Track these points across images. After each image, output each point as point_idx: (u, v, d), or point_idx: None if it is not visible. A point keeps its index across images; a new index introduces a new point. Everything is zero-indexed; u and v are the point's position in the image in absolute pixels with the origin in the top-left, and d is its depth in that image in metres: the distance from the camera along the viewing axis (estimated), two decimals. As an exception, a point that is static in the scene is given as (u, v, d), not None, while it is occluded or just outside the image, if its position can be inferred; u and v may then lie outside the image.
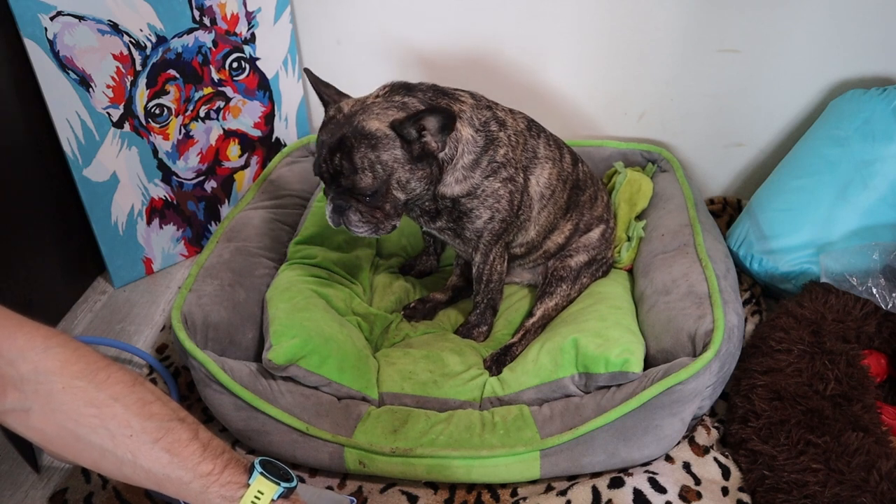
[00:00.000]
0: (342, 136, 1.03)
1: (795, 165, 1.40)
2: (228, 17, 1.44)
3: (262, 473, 0.75)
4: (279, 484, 0.75)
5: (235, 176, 1.59)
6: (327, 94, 1.12)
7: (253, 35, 1.48)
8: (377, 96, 1.09)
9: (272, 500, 0.74)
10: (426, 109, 1.03)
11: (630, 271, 1.39)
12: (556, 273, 1.30)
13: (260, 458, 0.77)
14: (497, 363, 1.20)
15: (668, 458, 1.08)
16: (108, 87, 1.34)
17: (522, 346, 1.23)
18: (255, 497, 0.73)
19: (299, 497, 0.79)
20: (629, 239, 1.39)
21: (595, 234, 1.33)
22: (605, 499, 1.01)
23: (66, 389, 0.71)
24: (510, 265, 1.30)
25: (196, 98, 1.46)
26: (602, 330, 1.13)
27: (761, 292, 1.40)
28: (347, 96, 1.12)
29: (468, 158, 1.12)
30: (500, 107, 1.20)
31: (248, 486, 0.74)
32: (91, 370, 0.72)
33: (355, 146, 1.03)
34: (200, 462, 0.73)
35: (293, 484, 0.77)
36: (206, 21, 1.41)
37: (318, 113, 1.67)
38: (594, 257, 1.32)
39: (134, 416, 0.72)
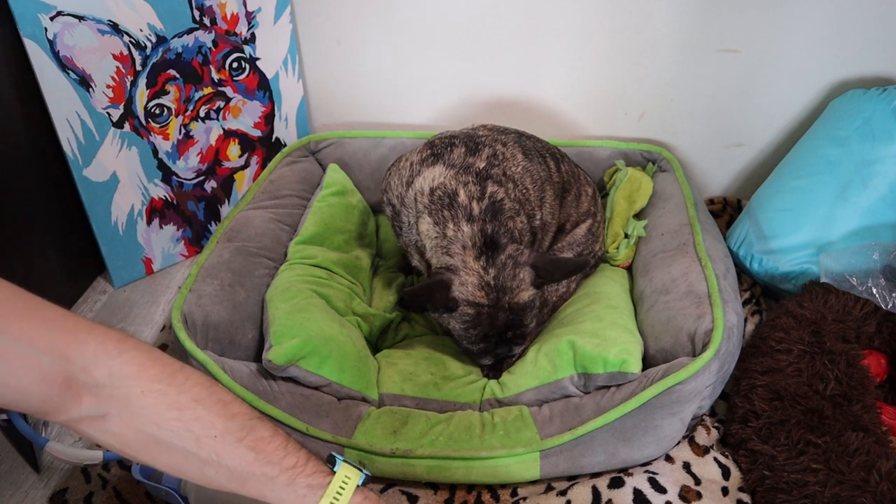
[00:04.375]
0: (505, 321, 1.10)
1: (795, 165, 1.40)
2: (228, 17, 1.44)
3: (344, 461, 0.78)
4: (362, 470, 0.78)
5: (235, 176, 1.59)
6: (438, 298, 1.09)
7: (253, 35, 1.48)
8: (486, 269, 1.08)
9: (357, 486, 0.76)
10: (551, 272, 1.11)
11: (628, 269, 1.39)
12: None
13: (331, 452, 0.81)
14: (494, 369, 1.20)
15: (668, 458, 1.08)
16: (108, 87, 1.34)
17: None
18: (343, 482, 0.76)
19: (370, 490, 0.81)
20: (627, 236, 1.39)
21: (581, 230, 1.34)
22: (605, 499, 1.01)
23: (145, 394, 0.70)
24: None
25: (196, 98, 1.46)
26: (599, 330, 1.13)
27: (761, 292, 1.40)
28: (435, 284, 1.09)
29: (528, 238, 1.18)
30: (499, 154, 1.19)
31: (334, 472, 0.77)
32: (168, 373, 0.72)
33: (522, 317, 1.11)
34: (285, 456, 0.75)
35: (369, 473, 0.80)
36: (206, 21, 1.42)
37: (318, 113, 1.67)
38: (580, 253, 1.33)
39: (217, 417, 0.72)
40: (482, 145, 1.18)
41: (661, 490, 1.02)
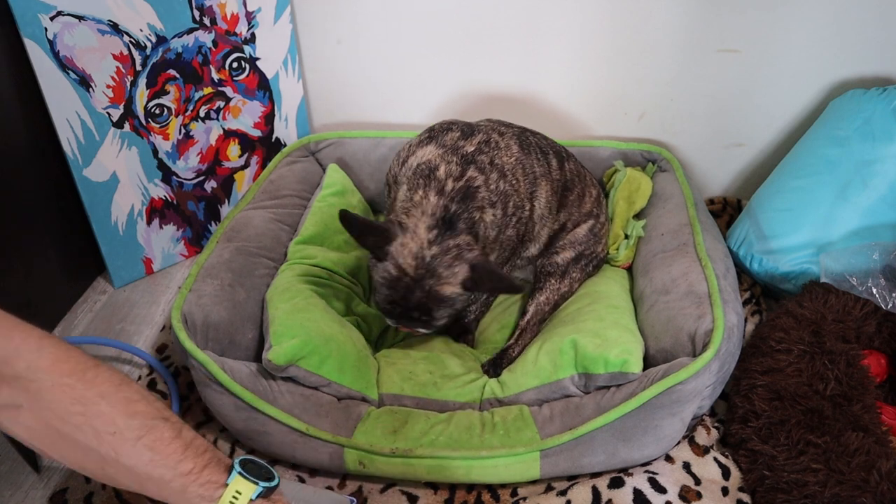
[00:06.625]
0: (418, 301, 1.08)
1: (795, 165, 1.40)
2: (228, 17, 1.44)
3: (240, 473, 0.74)
4: (257, 483, 0.74)
5: (235, 176, 1.59)
6: (373, 241, 1.10)
7: (253, 35, 1.48)
8: (431, 243, 1.07)
9: (251, 500, 0.73)
10: (485, 282, 1.08)
11: (628, 269, 1.39)
12: (543, 269, 1.31)
13: (241, 457, 0.77)
14: (494, 366, 1.20)
15: (668, 458, 1.08)
16: (108, 87, 1.34)
17: (519, 346, 1.23)
18: (234, 497, 0.73)
19: (282, 496, 0.79)
20: (627, 237, 1.39)
21: (582, 229, 1.34)
22: (605, 499, 1.02)
23: (54, 387, 0.71)
24: None
25: (196, 98, 1.46)
26: (600, 330, 1.13)
27: (761, 292, 1.40)
28: (379, 227, 1.09)
29: (494, 233, 1.16)
30: (492, 142, 1.19)
31: (227, 485, 0.74)
32: (80, 369, 0.73)
33: (434, 308, 1.09)
34: (181, 460, 0.73)
35: (274, 483, 0.77)
36: (206, 21, 1.41)
37: (318, 113, 1.67)
38: (581, 252, 1.32)
39: (119, 414, 0.72)
40: (477, 132, 1.20)
41: (661, 490, 1.02)
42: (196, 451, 0.74)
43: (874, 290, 1.19)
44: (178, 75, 1.42)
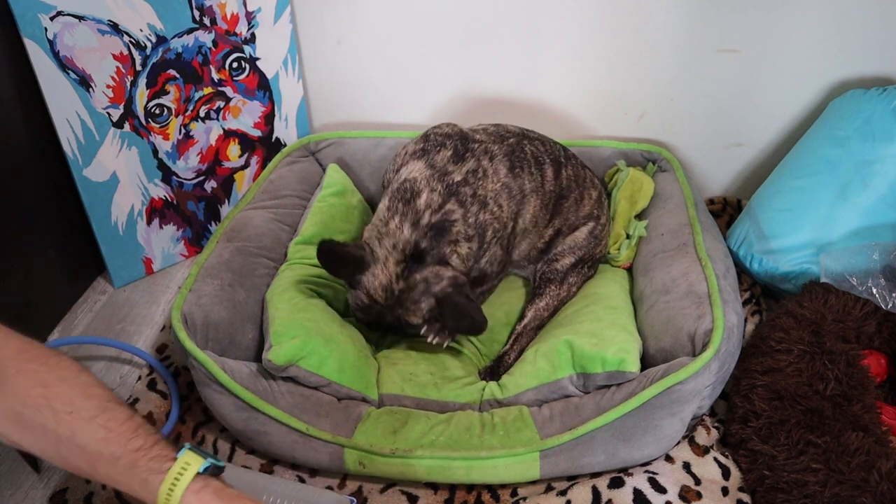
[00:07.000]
0: (391, 322, 1.17)
1: (795, 165, 1.40)
2: (228, 17, 1.44)
3: (190, 448, 0.77)
4: (206, 457, 0.77)
5: (235, 176, 1.59)
6: (345, 272, 1.16)
7: (253, 35, 1.48)
8: (398, 277, 1.12)
9: (198, 473, 0.75)
10: (449, 317, 1.12)
11: (628, 269, 1.39)
12: (543, 276, 1.31)
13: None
14: (492, 374, 1.20)
15: (668, 458, 1.08)
16: (108, 87, 1.34)
17: (515, 351, 1.23)
18: (182, 468, 0.75)
19: (229, 484, 0.80)
20: (628, 237, 1.39)
21: (582, 232, 1.33)
22: (605, 499, 1.02)
23: (19, 373, 0.76)
24: None
25: (196, 98, 1.46)
26: (598, 330, 1.13)
27: (761, 292, 1.40)
28: (353, 258, 1.14)
29: (471, 262, 1.18)
30: (480, 171, 1.19)
31: (176, 459, 0.76)
32: (44, 356, 0.78)
33: (407, 327, 1.17)
34: (132, 438, 0.76)
35: (221, 464, 0.79)
36: (206, 21, 1.41)
37: (318, 113, 1.67)
38: (581, 258, 1.33)
39: (77, 396, 0.76)
40: (469, 155, 1.20)
41: (661, 490, 1.02)
42: (147, 431, 0.77)
43: (874, 290, 1.19)
44: (178, 75, 1.42)
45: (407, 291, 1.12)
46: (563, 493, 1.03)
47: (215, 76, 1.47)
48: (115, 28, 1.31)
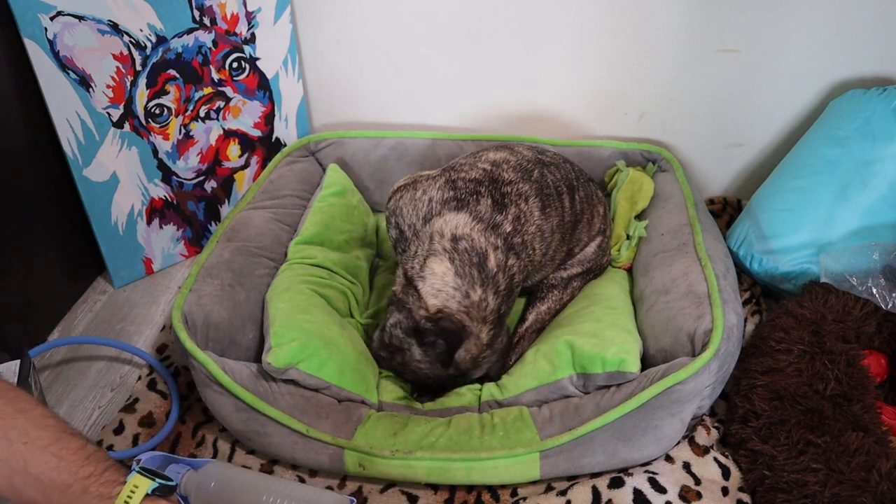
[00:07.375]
0: (451, 383, 1.17)
1: (795, 165, 1.40)
2: (228, 17, 1.44)
3: (137, 471, 0.78)
4: (154, 479, 0.78)
5: (235, 176, 1.59)
6: (440, 353, 1.11)
7: (253, 35, 1.48)
8: (487, 347, 1.11)
9: (147, 494, 0.76)
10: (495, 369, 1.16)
11: (629, 270, 1.39)
12: (547, 282, 1.30)
13: (142, 465, 0.81)
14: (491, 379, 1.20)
15: (668, 458, 1.08)
16: (108, 87, 1.34)
17: (516, 354, 1.22)
18: (131, 491, 0.76)
19: (177, 501, 0.81)
20: (628, 237, 1.39)
21: (591, 248, 1.32)
22: (605, 499, 1.02)
23: None
24: None
25: (196, 98, 1.46)
26: (598, 330, 1.13)
27: (761, 292, 1.40)
28: (453, 335, 1.08)
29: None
30: (522, 217, 1.14)
31: (125, 483, 0.77)
32: (3, 389, 0.79)
33: (459, 385, 1.18)
34: (83, 465, 0.77)
35: (172, 483, 0.80)
36: (206, 21, 1.41)
37: (318, 113, 1.67)
38: (588, 269, 1.33)
39: (32, 427, 0.77)
40: (509, 201, 1.13)
41: (661, 490, 1.02)
42: (98, 459, 0.78)
43: (874, 290, 1.19)
44: (178, 75, 1.42)
45: (489, 356, 1.12)
46: (563, 493, 1.03)
47: (215, 76, 1.47)
48: (115, 28, 1.31)
